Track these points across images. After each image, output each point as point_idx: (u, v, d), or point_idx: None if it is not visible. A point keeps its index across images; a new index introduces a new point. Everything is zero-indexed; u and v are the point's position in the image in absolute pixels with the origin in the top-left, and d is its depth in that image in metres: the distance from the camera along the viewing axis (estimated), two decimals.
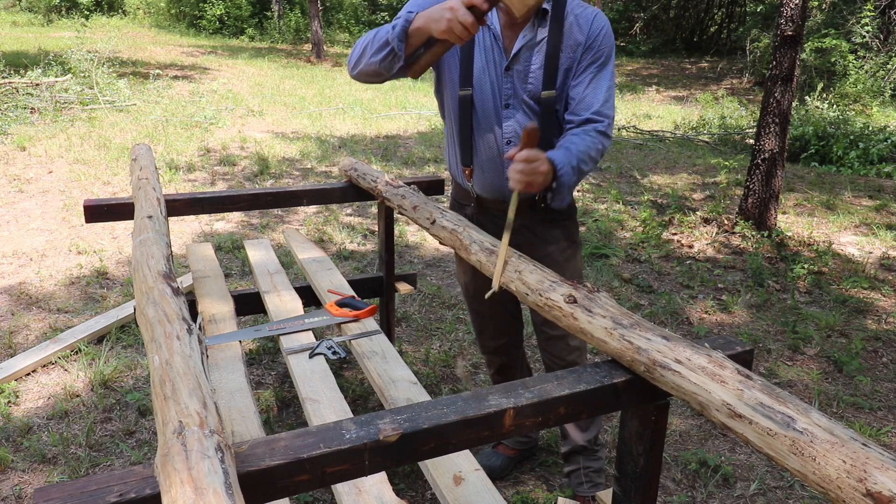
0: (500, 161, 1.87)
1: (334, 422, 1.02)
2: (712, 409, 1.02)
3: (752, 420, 0.96)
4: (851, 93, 10.59)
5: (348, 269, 4.11)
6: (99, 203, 2.21)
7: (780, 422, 0.93)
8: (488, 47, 1.82)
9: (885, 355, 3.29)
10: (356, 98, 10.85)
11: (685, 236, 4.86)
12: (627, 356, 1.18)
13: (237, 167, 6.41)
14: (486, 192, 1.95)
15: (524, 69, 1.79)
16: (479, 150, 1.90)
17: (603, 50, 1.78)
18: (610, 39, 1.80)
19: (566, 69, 1.78)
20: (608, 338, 1.22)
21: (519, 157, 1.51)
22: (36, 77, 8.77)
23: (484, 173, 1.92)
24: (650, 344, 1.15)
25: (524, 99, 1.81)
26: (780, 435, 0.92)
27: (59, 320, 3.34)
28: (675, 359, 1.10)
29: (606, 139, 1.78)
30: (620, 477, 1.30)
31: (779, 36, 4.62)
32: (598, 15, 1.80)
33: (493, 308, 2.19)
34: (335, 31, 21.52)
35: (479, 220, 2.01)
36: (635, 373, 1.19)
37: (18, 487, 2.24)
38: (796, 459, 0.89)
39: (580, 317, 1.29)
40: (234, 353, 1.88)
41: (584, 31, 1.77)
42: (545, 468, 2.44)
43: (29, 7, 21.53)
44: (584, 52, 1.77)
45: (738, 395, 0.99)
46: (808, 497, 2.32)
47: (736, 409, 0.98)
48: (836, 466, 0.84)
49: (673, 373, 1.09)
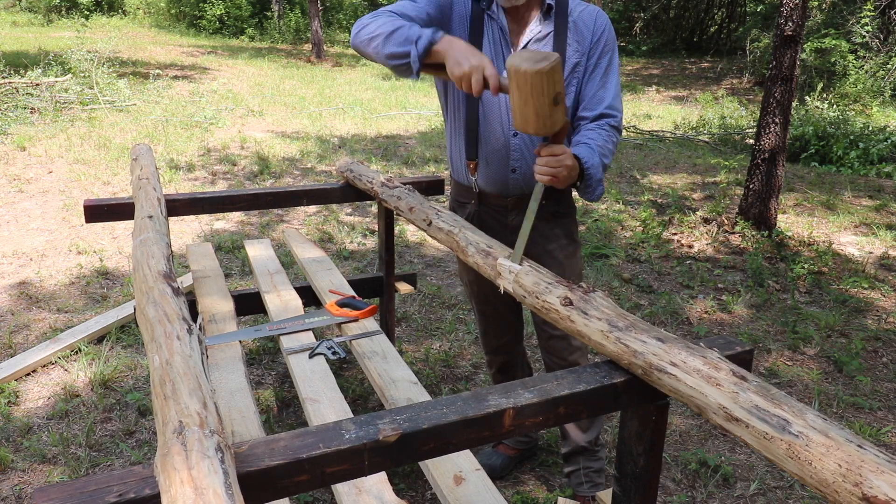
0: (505, 153, 1.88)
1: (334, 422, 1.02)
2: (710, 412, 1.02)
3: (748, 424, 0.96)
4: (851, 93, 10.58)
5: (348, 269, 4.11)
6: (99, 203, 2.21)
7: (775, 425, 0.92)
8: (496, 40, 1.83)
9: (885, 355, 3.29)
10: (356, 98, 10.85)
11: (685, 236, 4.86)
12: (625, 359, 1.18)
13: (237, 167, 6.41)
14: (490, 185, 1.95)
15: None
16: (485, 143, 1.90)
17: (609, 46, 1.84)
18: (613, 35, 1.86)
19: (574, 64, 1.82)
20: (605, 340, 1.22)
21: (545, 151, 1.54)
22: (36, 77, 8.77)
23: (489, 166, 1.92)
24: (645, 347, 1.14)
25: None
26: (777, 439, 0.91)
27: (59, 320, 3.34)
28: (670, 361, 1.10)
29: (618, 133, 1.85)
30: (620, 477, 1.30)
31: (779, 36, 4.62)
32: (599, 12, 1.86)
33: (496, 307, 2.19)
34: (335, 31, 21.52)
35: (481, 216, 2.00)
36: (634, 374, 1.19)
37: (18, 487, 2.24)
38: (793, 463, 0.89)
39: (577, 319, 1.29)
40: (234, 353, 1.88)
41: (589, 28, 1.82)
42: (545, 468, 2.44)
43: (29, 7, 21.53)
44: (591, 48, 1.83)
45: (733, 398, 0.99)
46: (808, 497, 2.32)
47: (732, 413, 0.98)
48: (831, 470, 0.84)
49: (669, 376, 1.09)
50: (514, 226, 1.95)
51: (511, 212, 1.95)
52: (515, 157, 1.88)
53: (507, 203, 1.95)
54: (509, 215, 1.96)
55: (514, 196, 1.93)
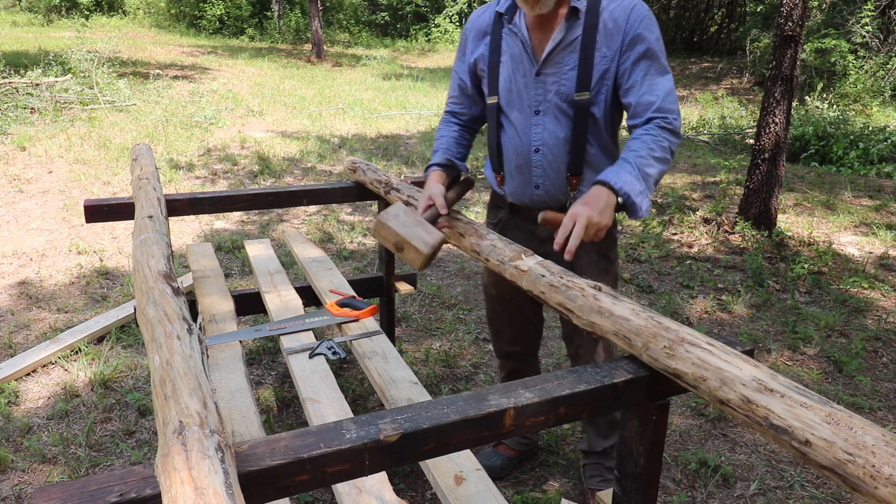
0: (528, 169, 1.85)
1: (334, 422, 1.02)
2: (738, 383, 1.04)
3: (784, 394, 0.99)
4: (851, 93, 10.58)
5: (348, 269, 4.11)
6: (99, 203, 2.21)
7: (816, 399, 0.97)
8: (516, 55, 1.78)
9: (885, 355, 3.29)
10: (356, 98, 10.84)
11: (685, 236, 4.86)
12: (649, 331, 1.19)
13: (237, 167, 6.41)
14: (516, 198, 1.94)
15: (557, 71, 1.73)
16: (508, 158, 1.89)
17: (647, 42, 1.67)
18: (652, 29, 1.68)
19: (603, 70, 1.70)
20: (633, 316, 1.24)
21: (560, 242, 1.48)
22: (36, 77, 8.77)
23: (513, 180, 1.91)
24: (679, 327, 1.19)
25: (556, 103, 1.75)
26: (816, 408, 0.95)
27: (59, 320, 3.34)
28: (706, 341, 1.15)
29: (672, 135, 1.67)
30: (620, 477, 1.30)
31: (779, 36, 4.62)
32: (635, 6, 1.68)
33: (512, 313, 2.19)
34: (335, 31, 21.52)
35: (512, 224, 1.99)
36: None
37: (18, 487, 2.24)
38: (828, 428, 0.91)
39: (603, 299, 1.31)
40: (235, 353, 1.88)
41: (620, 28, 1.67)
42: (545, 468, 2.44)
43: (29, 7, 21.52)
44: (624, 50, 1.68)
45: (771, 376, 1.03)
46: (807, 497, 2.32)
47: (767, 385, 1.01)
48: (874, 436, 0.88)
49: (702, 350, 1.12)
50: (543, 237, 1.93)
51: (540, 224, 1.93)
52: (538, 174, 1.84)
53: (534, 215, 1.91)
54: (539, 227, 1.91)
55: (539, 209, 1.89)
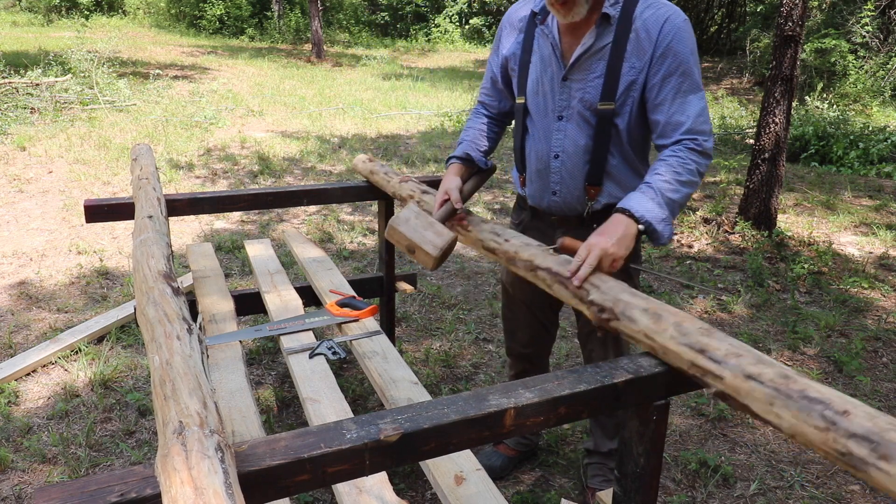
0: (546, 174, 1.83)
1: (335, 422, 1.02)
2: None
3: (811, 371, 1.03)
4: (851, 93, 10.58)
5: (348, 269, 4.11)
6: (99, 203, 2.21)
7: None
8: (546, 57, 1.76)
9: (885, 355, 3.29)
10: (356, 98, 10.84)
11: (685, 236, 4.86)
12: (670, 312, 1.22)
13: (237, 167, 6.40)
14: (535, 202, 1.93)
15: (583, 77, 1.70)
16: (530, 162, 1.88)
17: (679, 56, 1.60)
18: (686, 43, 1.60)
19: (630, 81, 1.65)
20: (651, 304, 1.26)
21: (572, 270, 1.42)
22: (36, 77, 8.77)
23: (532, 184, 1.90)
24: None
25: (579, 111, 1.73)
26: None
27: (59, 320, 3.34)
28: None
29: (702, 156, 1.59)
30: (621, 477, 1.30)
31: (779, 36, 4.62)
32: (670, 17, 1.61)
33: (529, 316, 2.19)
34: (335, 31, 21.51)
35: (532, 226, 1.99)
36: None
37: (18, 487, 2.24)
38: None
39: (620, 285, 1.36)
40: (235, 353, 1.88)
41: (651, 39, 1.60)
42: (545, 468, 2.44)
43: (29, 7, 21.52)
44: (653, 62, 1.61)
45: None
46: (807, 497, 2.32)
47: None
48: None
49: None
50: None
51: (558, 229, 1.89)
52: (555, 181, 1.82)
53: (553, 221, 1.91)
54: (556, 231, 1.90)
55: (557, 216, 1.89)
